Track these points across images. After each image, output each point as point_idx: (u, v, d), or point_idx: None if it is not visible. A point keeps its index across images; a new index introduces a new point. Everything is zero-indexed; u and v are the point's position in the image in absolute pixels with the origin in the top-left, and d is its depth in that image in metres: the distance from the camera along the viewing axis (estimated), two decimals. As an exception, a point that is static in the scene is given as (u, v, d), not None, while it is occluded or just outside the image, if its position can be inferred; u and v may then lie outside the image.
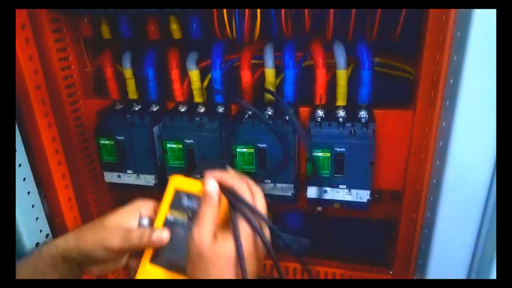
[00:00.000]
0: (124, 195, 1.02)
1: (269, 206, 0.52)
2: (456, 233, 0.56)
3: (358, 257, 0.98)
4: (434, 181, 0.59)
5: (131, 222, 0.53)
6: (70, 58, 0.86)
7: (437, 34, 0.61)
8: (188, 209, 0.52)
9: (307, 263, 0.93)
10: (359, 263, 0.95)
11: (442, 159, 0.55)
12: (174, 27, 0.77)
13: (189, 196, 0.52)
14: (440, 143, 0.56)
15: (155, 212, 0.54)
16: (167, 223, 0.52)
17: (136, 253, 0.54)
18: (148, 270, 0.51)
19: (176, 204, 0.52)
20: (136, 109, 0.84)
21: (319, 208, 0.83)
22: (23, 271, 0.54)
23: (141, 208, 0.55)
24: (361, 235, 1.02)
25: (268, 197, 0.78)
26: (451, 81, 0.53)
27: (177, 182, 0.53)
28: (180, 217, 0.52)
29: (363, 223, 0.97)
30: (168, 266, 0.51)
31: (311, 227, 1.04)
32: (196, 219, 0.48)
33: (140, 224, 0.53)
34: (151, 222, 0.53)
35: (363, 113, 0.72)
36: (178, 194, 0.52)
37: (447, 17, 0.56)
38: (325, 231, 1.10)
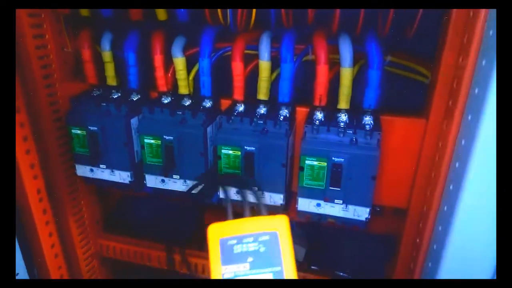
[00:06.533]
0: (100, 189, 0.95)
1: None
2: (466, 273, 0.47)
3: (355, 271, 0.90)
4: (445, 209, 0.50)
5: None
6: (47, 37, 0.78)
7: (461, 32, 0.52)
8: (246, 254, 0.42)
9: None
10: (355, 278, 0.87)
11: (457, 184, 0.45)
12: (159, 7, 0.68)
13: (240, 239, 0.43)
14: (456, 165, 0.47)
15: None
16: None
17: None
18: None
19: (228, 256, 0.43)
20: (115, 97, 0.75)
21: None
22: None
23: None
24: (359, 249, 0.95)
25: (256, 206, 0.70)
26: (476, 90, 0.43)
27: (219, 232, 0.43)
28: (239, 269, 0.42)
29: (362, 236, 0.89)
30: None
31: (307, 237, 0.97)
32: None
33: None
34: None
35: (368, 119, 0.63)
36: (225, 243, 0.43)
37: (476, 13, 0.46)
38: (320, 242, 1.03)
